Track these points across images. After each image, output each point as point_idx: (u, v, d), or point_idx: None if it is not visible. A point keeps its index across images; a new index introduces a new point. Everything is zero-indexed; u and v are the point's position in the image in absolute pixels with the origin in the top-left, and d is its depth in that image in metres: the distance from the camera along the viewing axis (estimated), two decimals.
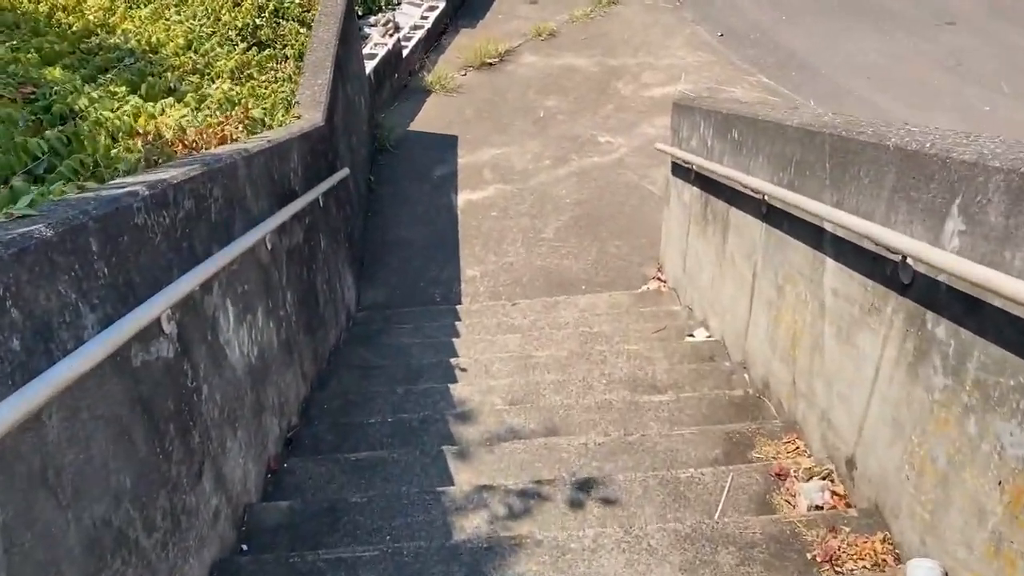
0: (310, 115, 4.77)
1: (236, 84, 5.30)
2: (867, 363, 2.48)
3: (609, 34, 9.85)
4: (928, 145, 2.06)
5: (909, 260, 2.15)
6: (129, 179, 2.37)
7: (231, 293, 2.79)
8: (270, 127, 4.45)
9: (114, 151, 3.19)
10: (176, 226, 2.30)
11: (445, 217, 6.61)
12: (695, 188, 4.64)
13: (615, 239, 6.21)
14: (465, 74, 9.07)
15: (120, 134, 3.48)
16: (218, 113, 3.88)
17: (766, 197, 3.27)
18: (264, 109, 4.67)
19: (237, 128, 3.59)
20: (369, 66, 7.71)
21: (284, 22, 7.07)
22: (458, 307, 5.44)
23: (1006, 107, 7.22)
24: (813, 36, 9.23)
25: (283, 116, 4.67)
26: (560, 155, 7.45)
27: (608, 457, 3.03)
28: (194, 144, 3.41)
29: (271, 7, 7.05)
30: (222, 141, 3.48)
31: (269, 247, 3.29)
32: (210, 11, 6.57)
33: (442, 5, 9.95)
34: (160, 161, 3.03)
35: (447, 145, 7.64)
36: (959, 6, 9.40)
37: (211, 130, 3.56)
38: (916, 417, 2.18)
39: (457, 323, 4.98)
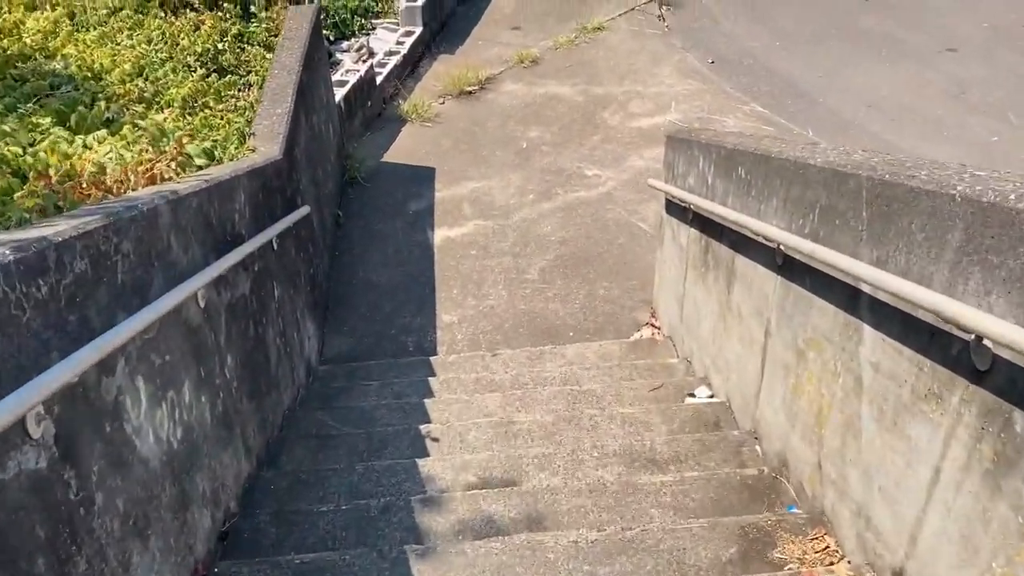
0: (266, 148, 4.29)
1: (188, 114, 4.82)
2: (922, 459, 2.01)
3: (594, 61, 9.47)
4: (1013, 197, 1.61)
5: (987, 342, 1.69)
6: (2, 236, 1.88)
7: (144, 368, 2.29)
8: (220, 161, 3.97)
9: (17, 195, 2.70)
10: (59, 296, 1.81)
11: (420, 256, 6.11)
12: (693, 230, 4.19)
13: (604, 280, 5.74)
14: (443, 102, 8.64)
15: (33, 174, 2.99)
16: (151, 148, 3.39)
17: (781, 247, 2.82)
18: (215, 141, 4.19)
19: (170, 166, 3.10)
20: (340, 94, 7.26)
21: (249, 47, 6.62)
22: (432, 359, 4.93)
23: (1013, 138, 6.86)
24: (809, 63, 8.89)
25: (235, 149, 4.19)
26: (544, 189, 7.00)
27: (603, 559, 2.53)
28: (118, 185, 2.92)
29: (234, 31, 6.61)
30: (151, 181, 2.99)
31: (202, 304, 2.80)
32: (167, 35, 6.10)
33: (419, 30, 9.54)
34: (65, 208, 2.55)
35: (423, 178, 7.17)
36: (961, 32, 9.10)
37: (141, 168, 3.08)
38: (998, 541, 1.71)
39: (431, 379, 4.47)
